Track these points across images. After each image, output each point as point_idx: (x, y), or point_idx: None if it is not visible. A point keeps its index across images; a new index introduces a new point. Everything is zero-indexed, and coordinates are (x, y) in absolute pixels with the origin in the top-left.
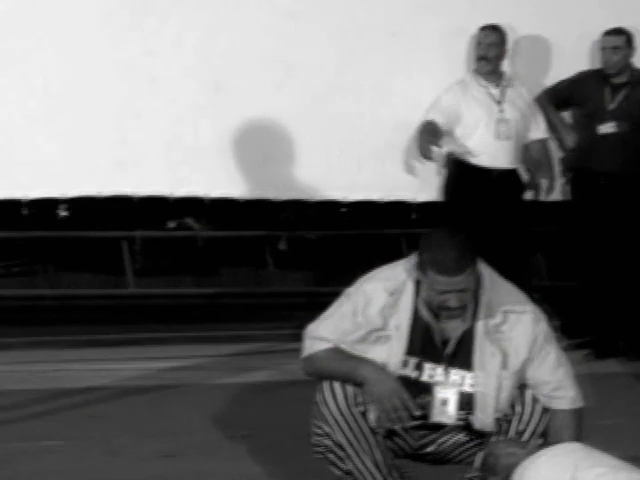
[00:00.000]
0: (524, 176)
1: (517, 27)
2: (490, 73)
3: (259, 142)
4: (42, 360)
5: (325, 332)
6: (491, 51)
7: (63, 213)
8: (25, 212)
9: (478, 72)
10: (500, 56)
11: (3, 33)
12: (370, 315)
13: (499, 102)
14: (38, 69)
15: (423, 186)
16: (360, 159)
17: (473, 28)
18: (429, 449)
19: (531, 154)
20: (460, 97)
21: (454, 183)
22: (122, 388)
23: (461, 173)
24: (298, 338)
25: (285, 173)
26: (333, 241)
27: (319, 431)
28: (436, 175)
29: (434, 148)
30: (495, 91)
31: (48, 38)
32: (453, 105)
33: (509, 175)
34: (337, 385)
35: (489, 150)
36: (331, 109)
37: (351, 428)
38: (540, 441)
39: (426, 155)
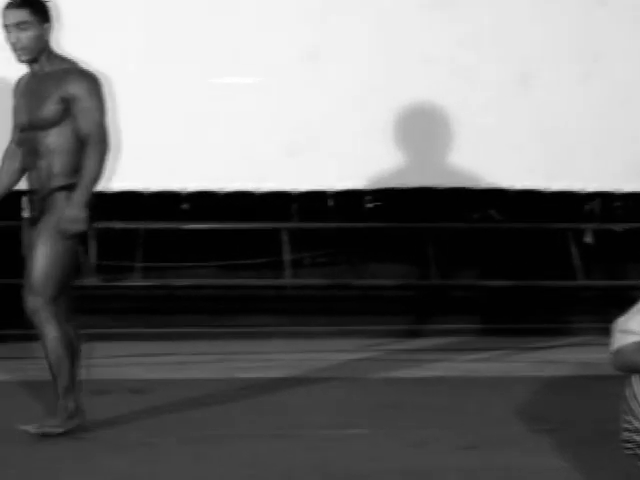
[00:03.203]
0: None
1: None
2: None
3: (559, 134)
4: (347, 349)
5: (635, 325)
6: None
7: (369, 205)
8: (331, 203)
9: None
10: None
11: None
12: None
13: None
14: (342, 61)
15: None
16: None
17: None
18: None
19: None
20: None
21: None
22: (424, 379)
23: None
24: (607, 332)
25: (588, 165)
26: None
27: (629, 426)
28: None
29: None
30: None
31: (354, 32)
32: None
33: None
34: None
35: None
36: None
37: None
38: None
39: None
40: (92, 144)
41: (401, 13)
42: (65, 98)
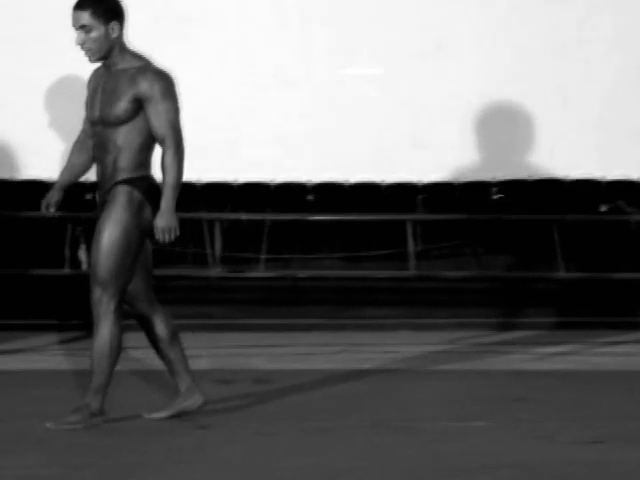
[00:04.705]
0: None
1: None
2: None
3: None
4: (470, 341)
5: None
6: None
7: (495, 196)
8: (457, 195)
9: None
10: None
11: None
12: None
13: None
14: (467, 53)
15: None
16: None
17: None
18: None
19: None
20: None
21: None
22: (546, 372)
23: None
24: None
25: None
26: None
27: None
28: None
29: None
30: None
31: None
32: None
33: None
34: None
35: None
36: None
37: None
38: None
39: None
40: (169, 148)
41: (522, 7)
42: (138, 97)
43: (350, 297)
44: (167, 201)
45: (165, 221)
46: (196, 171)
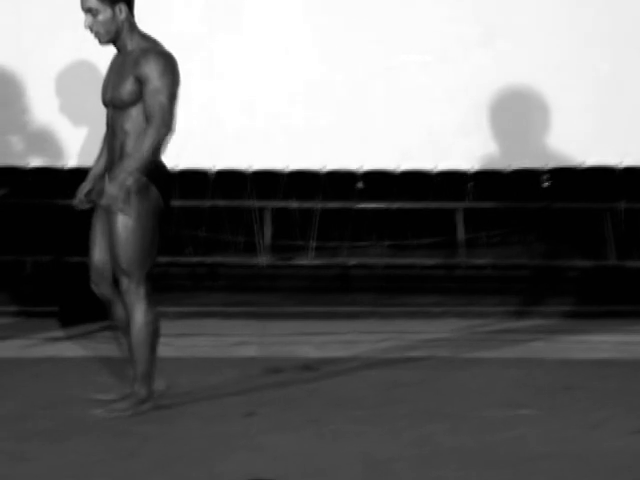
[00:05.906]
0: None
1: None
2: None
3: None
4: (518, 330)
5: None
6: None
7: (545, 183)
8: (506, 183)
9: None
10: None
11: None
12: None
13: None
14: (518, 42)
15: None
16: None
17: None
18: None
19: None
20: None
21: None
22: (595, 361)
23: None
24: None
25: None
26: None
27: None
28: None
29: None
30: None
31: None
32: None
33: None
34: None
35: None
36: None
37: None
38: None
39: None
40: (152, 126)
41: None
42: (139, 78)
43: (398, 285)
44: (122, 170)
45: (113, 189)
46: (246, 159)
